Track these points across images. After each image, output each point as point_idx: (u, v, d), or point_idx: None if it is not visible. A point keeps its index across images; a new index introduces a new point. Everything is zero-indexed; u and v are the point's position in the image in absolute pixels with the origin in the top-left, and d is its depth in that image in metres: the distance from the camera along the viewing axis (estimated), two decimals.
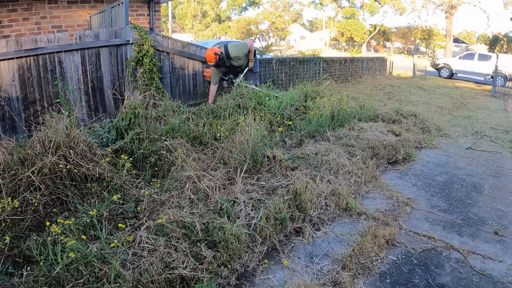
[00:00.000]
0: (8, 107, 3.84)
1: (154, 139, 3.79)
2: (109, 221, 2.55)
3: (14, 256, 2.22)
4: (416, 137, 5.27)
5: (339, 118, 5.24)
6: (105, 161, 3.06)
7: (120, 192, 2.91)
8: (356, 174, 3.67)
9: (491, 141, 5.70)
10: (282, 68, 8.48)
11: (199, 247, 2.26)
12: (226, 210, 2.68)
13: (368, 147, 4.36)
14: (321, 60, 10.13)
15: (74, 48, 4.30)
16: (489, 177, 4.14)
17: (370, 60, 14.07)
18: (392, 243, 2.70)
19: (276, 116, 4.88)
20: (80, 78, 4.45)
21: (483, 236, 2.86)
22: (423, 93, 10.57)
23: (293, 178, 3.21)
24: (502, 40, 34.23)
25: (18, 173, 2.71)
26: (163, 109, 4.50)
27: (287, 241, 2.68)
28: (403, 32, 43.92)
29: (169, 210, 2.58)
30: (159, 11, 7.69)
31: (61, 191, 2.77)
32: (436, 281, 2.29)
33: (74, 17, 6.47)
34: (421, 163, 4.52)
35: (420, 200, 3.49)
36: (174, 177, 3.17)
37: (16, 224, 2.44)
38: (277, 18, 42.57)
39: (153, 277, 1.99)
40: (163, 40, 5.36)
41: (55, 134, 2.94)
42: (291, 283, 2.18)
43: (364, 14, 39.84)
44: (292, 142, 4.58)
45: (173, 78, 5.60)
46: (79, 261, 2.02)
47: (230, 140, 3.73)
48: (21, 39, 3.88)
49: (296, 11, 57.96)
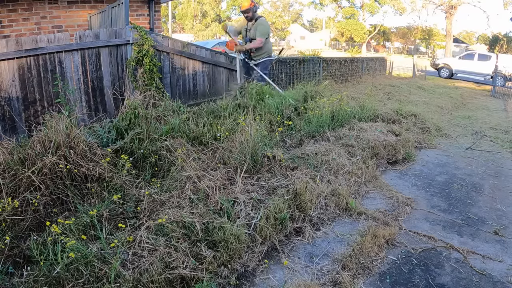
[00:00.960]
0: (8, 107, 3.84)
1: (154, 139, 3.79)
2: (109, 221, 2.55)
3: (14, 256, 2.22)
4: (416, 137, 5.27)
5: (339, 118, 5.24)
6: (105, 161, 3.06)
7: (120, 192, 2.91)
8: (356, 174, 3.67)
9: (491, 141, 5.70)
10: (282, 68, 8.48)
11: (199, 247, 2.26)
12: (226, 210, 2.68)
13: (368, 147, 4.36)
14: (321, 60, 10.13)
15: (74, 48, 4.31)
16: (489, 177, 4.14)
17: (370, 60, 14.08)
18: (392, 243, 2.70)
19: (276, 116, 4.88)
20: (80, 78, 4.46)
21: (483, 236, 2.86)
22: (423, 93, 10.57)
23: (293, 178, 3.21)
24: (502, 40, 34.27)
25: (18, 173, 2.71)
26: (163, 109, 4.50)
27: (287, 241, 2.68)
28: (403, 32, 43.96)
29: (169, 210, 2.58)
30: (159, 11, 7.69)
31: (61, 191, 2.77)
32: (436, 281, 2.29)
33: (74, 17, 6.47)
34: (421, 163, 4.52)
35: (420, 200, 3.49)
36: (174, 177, 3.17)
37: (16, 224, 2.44)
38: (277, 18, 42.60)
39: (153, 277, 1.99)
40: (163, 40, 5.36)
41: (55, 134, 2.94)
42: (291, 283, 2.18)
43: (364, 14, 39.86)
44: (292, 142, 4.58)
45: (173, 78, 5.61)
46: (79, 261, 2.02)
47: (230, 140, 3.73)
48: (21, 39, 3.88)
49: (296, 11, 57.99)
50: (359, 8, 40.30)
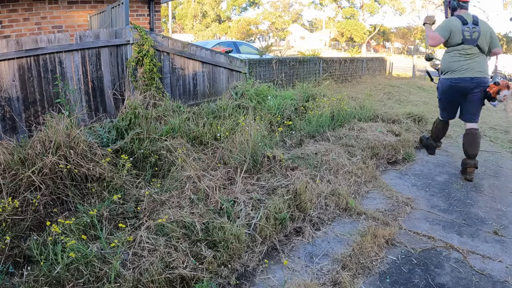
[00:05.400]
0: (8, 107, 3.85)
1: (154, 139, 3.80)
2: (109, 221, 2.55)
3: (15, 256, 2.23)
4: (416, 137, 5.28)
5: (339, 118, 5.25)
6: (106, 161, 3.07)
7: (120, 192, 2.91)
8: (356, 174, 3.68)
9: (490, 141, 5.71)
10: (282, 68, 8.48)
11: (199, 247, 2.27)
12: (226, 210, 2.68)
13: (368, 147, 4.36)
14: (321, 60, 10.13)
15: (74, 48, 4.31)
16: (488, 177, 4.14)
17: (370, 60, 14.08)
18: (392, 243, 2.70)
19: (276, 116, 4.88)
20: (80, 78, 4.46)
21: (483, 236, 2.86)
22: (423, 93, 10.57)
23: (293, 178, 3.21)
24: (502, 41, 34.28)
25: (19, 173, 2.71)
26: (163, 109, 4.51)
27: (287, 241, 2.68)
28: (403, 33, 43.98)
29: (169, 210, 2.59)
30: (159, 12, 7.70)
31: (61, 191, 2.78)
32: (435, 281, 2.29)
33: (75, 17, 6.48)
34: (420, 163, 4.52)
35: (420, 200, 3.49)
36: (174, 177, 3.17)
37: (16, 224, 2.44)
38: (277, 18, 42.63)
39: (153, 277, 2.00)
40: (163, 40, 5.37)
41: (55, 134, 2.94)
42: (291, 283, 2.18)
43: (364, 14, 39.88)
44: (292, 142, 4.59)
45: (173, 78, 5.61)
46: (79, 261, 2.02)
47: (230, 140, 3.73)
48: (22, 39, 3.88)
49: (296, 11, 57.99)
50: (359, 8, 40.34)
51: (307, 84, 6.76)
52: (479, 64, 3.65)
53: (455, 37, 3.60)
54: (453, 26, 3.62)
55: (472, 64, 3.62)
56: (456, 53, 3.68)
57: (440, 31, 3.64)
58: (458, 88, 3.68)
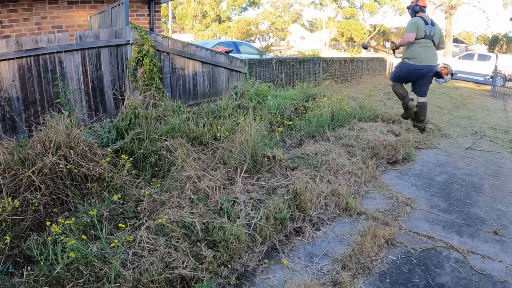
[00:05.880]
0: (8, 107, 3.85)
1: (154, 139, 3.80)
2: (109, 221, 2.55)
3: (15, 256, 2.23)
4: (415, 137, 5.28)
5: (339, 118, 5.25)
6: (106, 161, 3.07)
7: (120, 192, 2.91)
8: (356, 174, 3.68)
9: (490, 141, 5.71)
10: (282, 68, 8.48)
11: (199, 247, 2.27)
12: (226, 210, 2.68)
13: (368, 147, 4.36)
14: (321, 60, 10.12)
15: (74, 48, 4.31)
16: (488, 177, 4.14)
17: (370, 61, 14.07)
18: (392, 243, 2.70)
19: (276, 116, 4.88)
20: (80, 78, 4.46)
21: (483, 236, 2.86)
22: None
23: (293, 178, 3.21)
24: (502, 40, 34.28)
25: (19, 173, 2.71)
26: (163, 109, 4.51)
27: (287, 241, 2.68)
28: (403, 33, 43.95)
29: (169, 210, 2.59)
30: (159, 12, 7.69)
31: (61, 191, 2.78)
32: (435, 281, 2.29)
33: (75, 17, 6.47)
34: (420, 163, 4.52)
35: (420, 200, 3.49)
36: (174, 177, 3.17)
37: (16, 224, 2.44)
38: (277, 18, 42.61)
39: (153, 277, 2.00)
40: (163, 40, 5.36)
41: (55, 134, 2.94)
42: (291, 283, 2.18)
43: (364, 14, 39.89)
44: (292, 142, 4.59)
45: (173, 78, 5.61)
46: (79, 261, 2.02)
47: (230, 140, 3.73)
48: (22, 39, 3.88)
49: (296, 11, 57.99)
50: (359, 8, 40.36)
51: (307, 84, 6.76)
52: (433, 55, 4.77)
53: (419, 33, 4.63)
54: (418, 24, 4.63)
55: (429, 54, 4.70)
56: (419, 45, 4.68)
57: (411, 30, 4.66)
58: (418, 72, 4.73)
